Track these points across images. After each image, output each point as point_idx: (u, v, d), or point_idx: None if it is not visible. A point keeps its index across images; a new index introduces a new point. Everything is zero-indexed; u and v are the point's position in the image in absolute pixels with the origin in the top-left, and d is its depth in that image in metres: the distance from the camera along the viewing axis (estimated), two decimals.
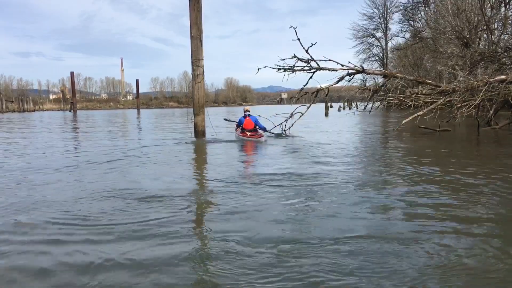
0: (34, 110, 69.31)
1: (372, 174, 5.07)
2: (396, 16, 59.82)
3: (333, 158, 6.45)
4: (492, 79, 10.91)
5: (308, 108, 12.83)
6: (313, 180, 4.61)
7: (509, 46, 17.10)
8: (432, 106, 11.60)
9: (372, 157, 6.70)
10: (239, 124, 10.41)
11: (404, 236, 2.73)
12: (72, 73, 58.36)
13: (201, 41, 10.33)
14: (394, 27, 71.87)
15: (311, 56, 11.29)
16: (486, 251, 2.44)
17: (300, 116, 12.67)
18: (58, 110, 76.11)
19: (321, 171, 5.18)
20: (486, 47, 19.26)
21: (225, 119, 13.20)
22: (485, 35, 20.81)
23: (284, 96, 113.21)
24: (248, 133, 9.93)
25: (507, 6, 20.88)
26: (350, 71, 11.61)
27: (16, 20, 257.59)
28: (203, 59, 10.43)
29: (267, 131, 10.58)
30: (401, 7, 43.22)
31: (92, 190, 4.32)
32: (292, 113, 12.61)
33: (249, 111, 10.72)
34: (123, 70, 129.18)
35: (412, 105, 12.32)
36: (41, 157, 7.29)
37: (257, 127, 10.20)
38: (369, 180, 4.62)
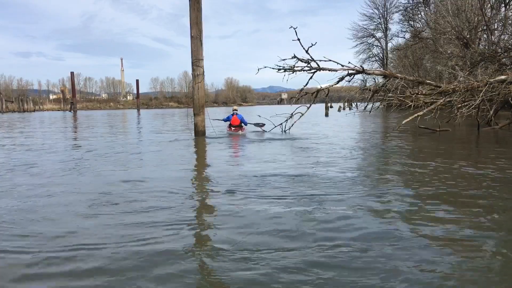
0: (34, 110, 69.28)
1: (372, 175, 5.07)
2: (396, 17, 59.98)
3: (333, 158, 6.45)
4: (492, 79, 10.91)
5: (308, 108, 12.84)
6: (312, 181, 4.60)
7: (509, 46, 17.10)
8: (432, 106, 11.61)
9: (372, 158, 6.70)
10: (228, 120, 12.38)
11: (404, 238, 2.73)
12: (72, 73, 58.41)
13: (201, 41, 10.34)
14: (394, 27, 71.98)
15: (311, 57, 11.31)
16: (486, 251, 2.44)
17: (300, 116, 12.69)
18: (58, 110, 76.11)
19: (321, 172, 5.18)
20: (486, 47, 19.26)
21: (213, 119, 12.90)
22: (485, 35, 20.83)
23: (284, 96, 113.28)
24: (233, 128, 12.06)
25: (507, 6, 20.89)
26: (350, 71, 11.62)
27: (16, 20, 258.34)
28: (203, 59, 10.44)
29: (250, 123, 12.97)
30: (401, 8, 43.31)
31: (87, 190, 4.32)
32: (292, 113, 12.64)
33: (236, 110, 12.64)
34: (123, 70, 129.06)
35: (412, 105, 12.33)
36: (39, 156, 7.28)
37: (242, 123, 12.24)
38: (369, 181, 4.62)
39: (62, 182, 4.84)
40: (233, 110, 12.62)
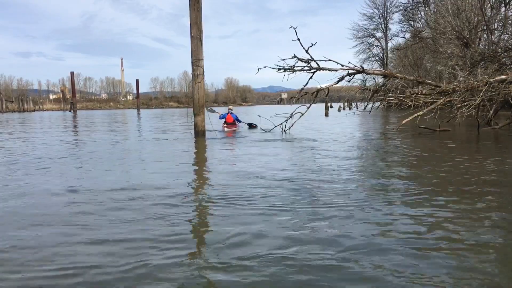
0: (34, 110, 69.32)
1: (372, 175, 5.06)
2: (396, 16, 60.02)
3: (333, 159, 6.45)
4: (492, 79, 10.90)
5: (308, 108, 12.84)
6: (311, 184, 4.59)
7: (509, 46, 17.11)
8: (432, 106, 11.61)
9: (372, 158, 6.69)
10: (223, 117, 13.76)
11: (405, 240, 2.73)
12: (72, 73, 58.40)
13: (201, 41, 10.33)
14: (394, 27, 72.13)
15: (311, 56, 11.31)
16: (486, 251, 2.44)
17: (300, 116, 12.69)
18: (58, 110, 76.13)
19: (321, 173, 5.18)
20: (486, 47, 19.26)
21: (209, 110, 13.35)
22: (485, 35, 20.82)
23: (284, 96, 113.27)
24: (226, 125, 13.49)
25: (507, 6, 20.88)
26: (350, 71, 11.62)
27: (16, 20, 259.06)
28: (203, 59, 10.43)
29: (241, 121, 14.52)
30: (401, 7, 43.29)
31: (83, 191, 4.32)
32: (292, 113, 12.63)
33: (231, 110, 14.33)
34: (123, 70, 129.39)
35: (412, 105, 12.33)
36: (38, 156, 7.28)
37: (235, 121, 13.87)
38: (368, 183, 4.61)
39: (57, 181, 4.84)
40: (228, 109, 14.31)
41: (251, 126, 13.89)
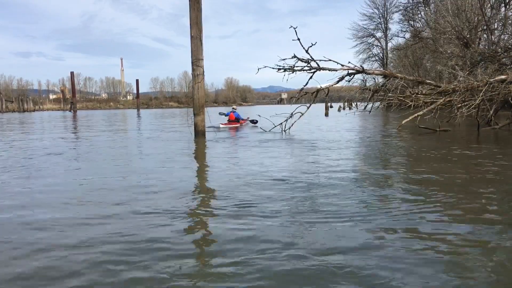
0: (34, 110, 69.27)
1: (372, 175, 5.06)
2: (396, 16, 59.99)
3: (333, 159, 6.45)
4: (492, 79, 10.91)
5: (308, 108, 12.85)
6: (312, 183, 4.59)
7: (509, 46, 17.11)
8: (432, 106, 11.62)
9: (372, 158, 6.69)
10: (227, 115, 15.65)
11: (405, 241, 2.73)
12: (72, 73, 58.34)
13: (201, 41, 10.32)
14: (394, 27, 72.03)
15: (311, 56, 11.32)
16: (487, 250, 2.44)
17: (300, 116, 12.69)
18: (58, 110, 76.09)
19: (321, 173, 5.18)
20: (486, 47, 19.26)
21: (220, 113, 17.15)
22: (485, 35, 20.81)
23: (284, 96, 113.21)
24: (229, 122, 15.18)
25: (507, 6, 20.87)
26: (350, 71, 11.64)
27: (16, 20, 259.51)
28: (203, 59, 10.42)
29: (243, 119, 16.26)
30: (401, 7, 43.26)
31: (79, 193, 4.32)
32: (292, 113, 12.64)
33: (235, 109, 16.13)
34: (123, 70, 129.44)
35: (412, 105, 12.34)
36: (36, 155, 7.28)
37: (238, 119, 15.49)
38: (369, 181, 4.61)
39: (53, 181, 4.84)
40: (232, 108, 16.30)
41: (253, 122, 15.93)
